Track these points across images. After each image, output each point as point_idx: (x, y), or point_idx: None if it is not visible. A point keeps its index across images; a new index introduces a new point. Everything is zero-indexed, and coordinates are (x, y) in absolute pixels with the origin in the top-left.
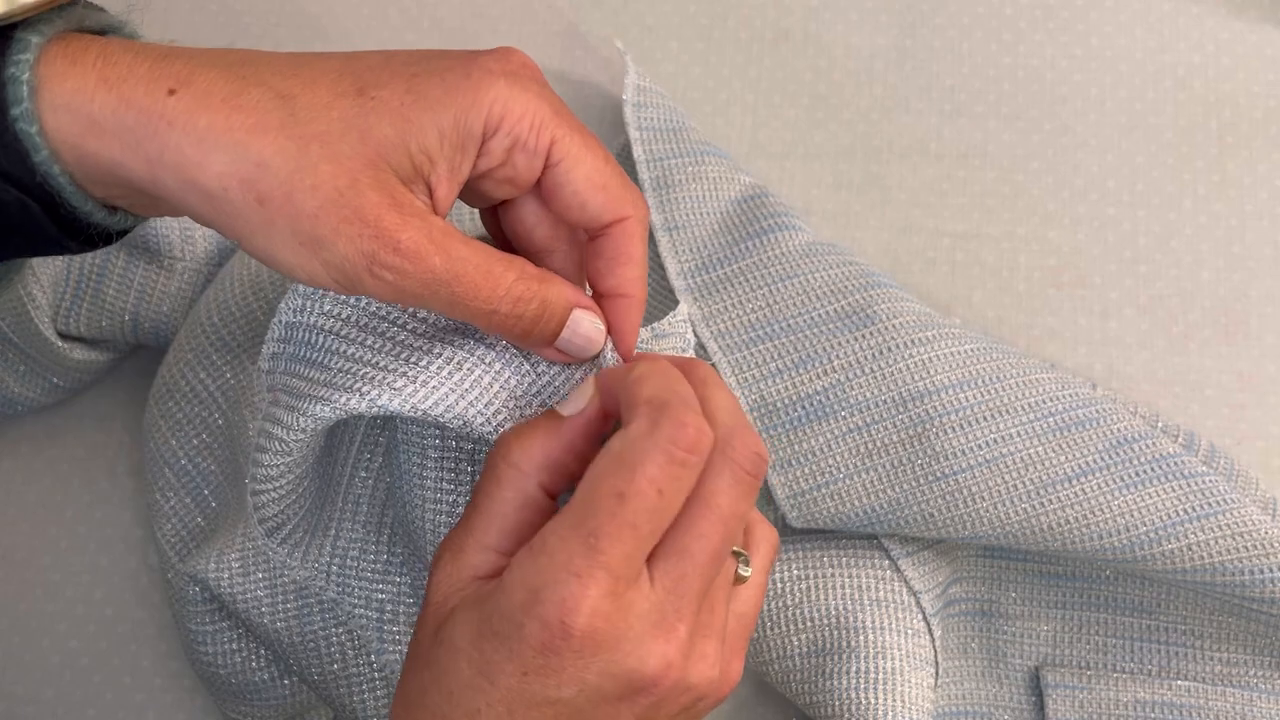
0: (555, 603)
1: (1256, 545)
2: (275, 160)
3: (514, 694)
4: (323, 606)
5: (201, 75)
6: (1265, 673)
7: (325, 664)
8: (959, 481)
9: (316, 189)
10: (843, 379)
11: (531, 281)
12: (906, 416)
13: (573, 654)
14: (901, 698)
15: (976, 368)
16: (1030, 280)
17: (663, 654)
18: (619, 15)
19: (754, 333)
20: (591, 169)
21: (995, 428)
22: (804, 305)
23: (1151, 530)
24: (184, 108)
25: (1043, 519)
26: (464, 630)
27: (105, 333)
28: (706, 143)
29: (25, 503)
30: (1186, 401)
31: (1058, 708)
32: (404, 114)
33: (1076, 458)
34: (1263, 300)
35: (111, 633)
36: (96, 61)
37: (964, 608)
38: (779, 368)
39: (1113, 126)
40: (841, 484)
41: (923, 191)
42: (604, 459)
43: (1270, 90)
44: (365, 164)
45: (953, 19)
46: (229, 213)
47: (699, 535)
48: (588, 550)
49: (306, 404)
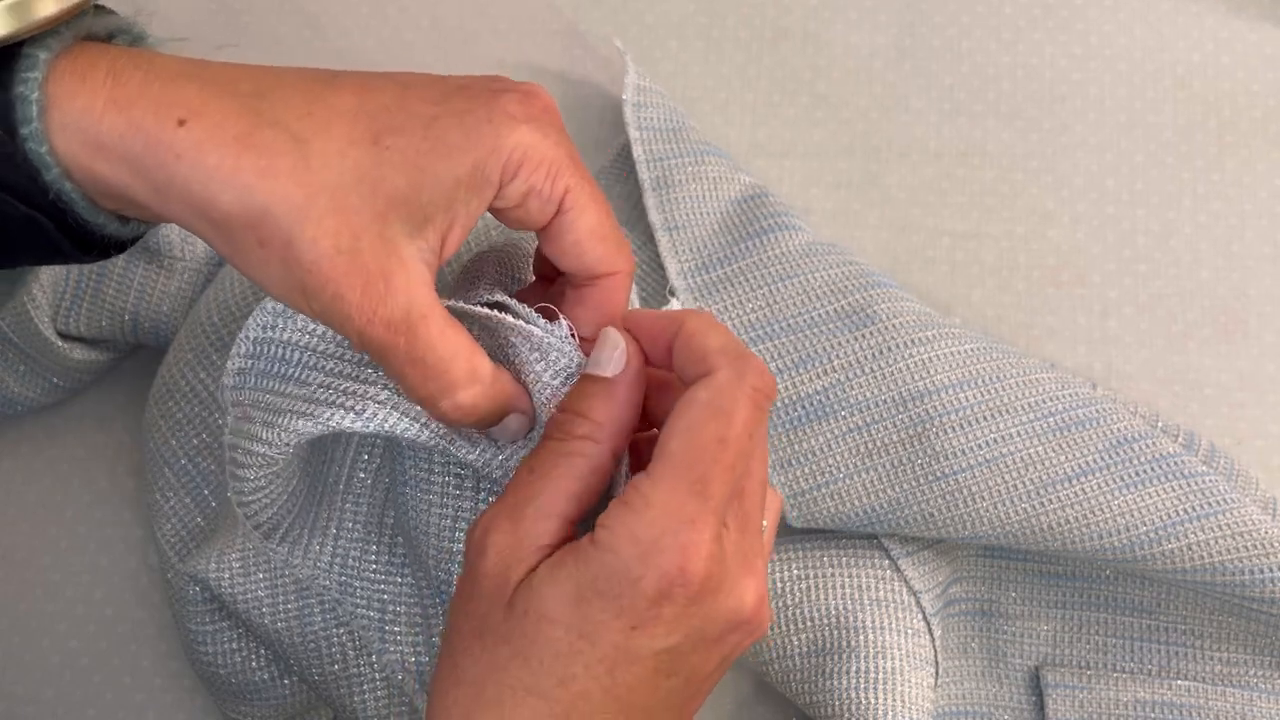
0: (675, 550)
1: (1257, 545)
2: (280, 209)
3: (618, 651)
4: (324, 606)
5: (214, 106)
6: (1265, 673)
7: (326, 664)
8: (959, 481)
9: (316, 242)
10: (842, 379)
11: (480, 396)
12: (906, 416)
13: (687, 600)
14: (902, 697)
15: (976, 367)
16: (1029, 279)
17: (756, 591)
18: (618, 14)
19: (754, 333)
20: (596, 220)
21: (995, 427)
22: (804, 305)
23: (1151, 530)
24: (193, 141)
25: (1043, 518)
26: (555, 596)
27: (105, 333)
28: (706, 142)
29: (25, 503)
30: (1186, 400)
31: (1058, 707)
32: (419, 164)
33: (1076, 457)
34: (1262, 299)
35: (111, 633)
36: (106, 80)
37: (964, 607)
38: (779, 368)
39: (1112, 125)
40: (841, 484)
41: (922, 190)
42: (696, 408)
43: (1269, 89)
44: (373, 218)
45: (952, 18)
46: (230, 243)
47: (751, 475)
48: (699, 496)
49: (287, 419)
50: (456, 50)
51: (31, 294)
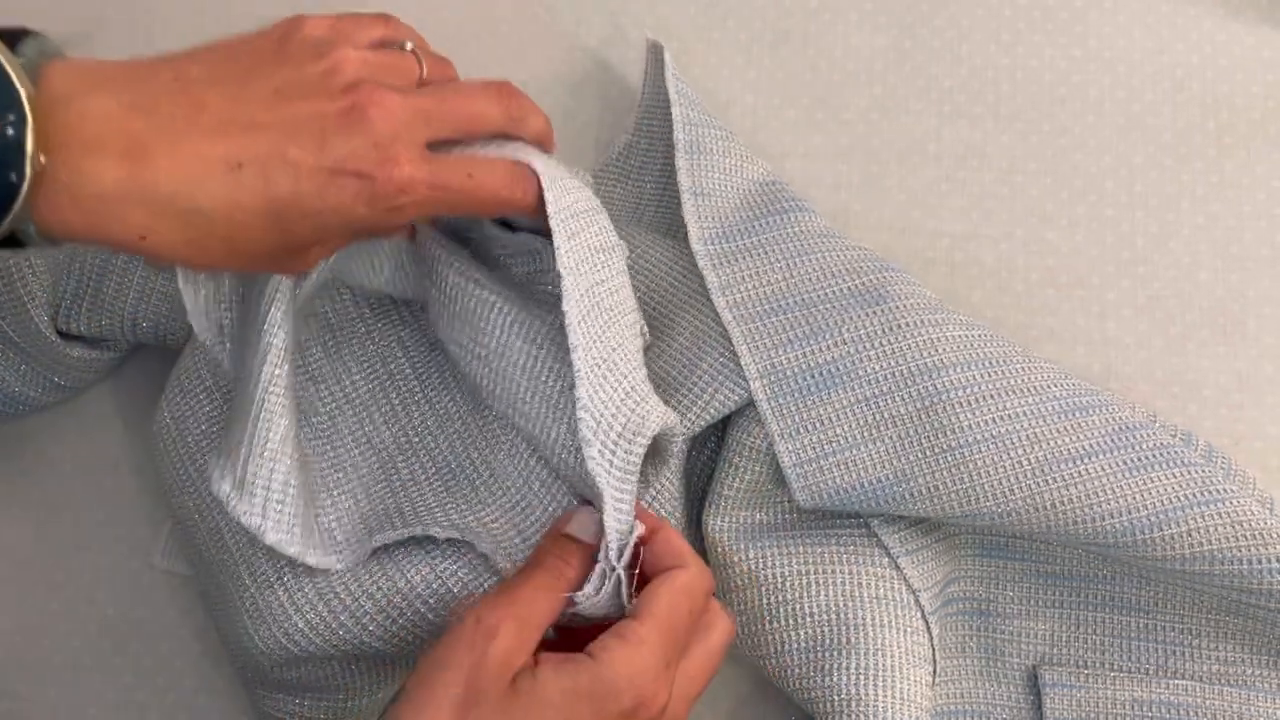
0: (650, 685)
1: (1255, 536)
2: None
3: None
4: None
5: (164, 226)
6: (1262, 671)
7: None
8: (965, 455)
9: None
10: (853, 351)
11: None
12: (915, 390)
13: (645, 716)
14: (900, 695)
15: (983, 350)
16: (1028, 281)
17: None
18: (618, 18)
19: (769, 305)
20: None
21: (1001, 406)
22: (819, 282)
23: (1152, 514)
24: (153, 247)
25: (1046, 496)
26: (556, 688)
27: (105, 332)
28: (728, 128)
29: (28, 502)
30: (1184, 402)
31: (1055, 707)
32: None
33: (1081, 440)
34: (1260, 301)
35: (114, 632)
36: (69, 185)
37: (961, 607)
38: (791, 338)
39: (1111, 128)
40: (848, 453)
41: (921, 192)
42: (678, 587)
43: (1268, 91)
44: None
45: (951, 20)
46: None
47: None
48: (672, 647)
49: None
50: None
51: (31, 291)
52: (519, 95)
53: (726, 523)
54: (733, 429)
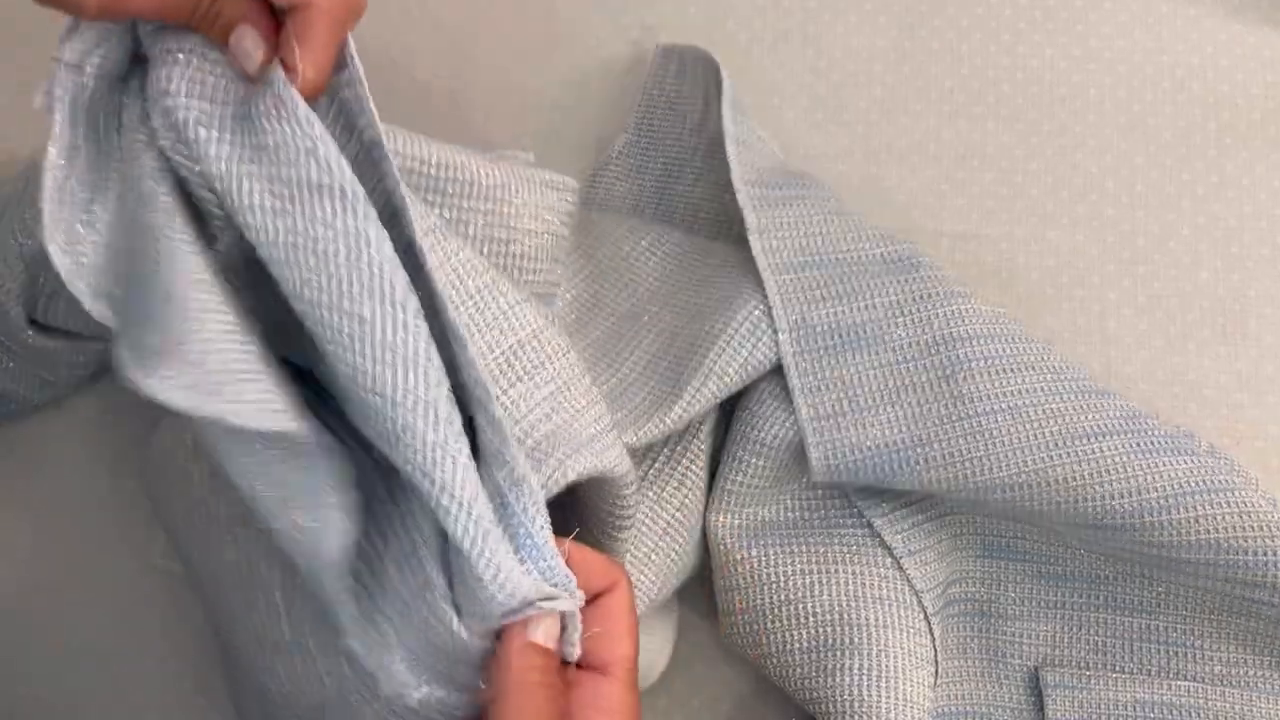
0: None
1: (1263, 527)
2: None
3: None
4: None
5: None
6: (1265, 673)
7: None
8: (982, 424)
9: None
10: (883, 316)
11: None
12: (939, 359)
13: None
14: (903, 696)
15: (1005, 327)
16: (1029, 281)
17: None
18: (619, 18)
19: (804, 257)
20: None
21: (1020, 380)
22: (854, 243)
23: (1161, 497)
24: None
25: (1058, 470)
26: None
27: (86, 326)
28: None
29: (27, 503)
30: (1185, 401)
31: (1057, 708)
32: None
33: (1095, 419)
34: (1261, 301)
35: (112, 633)
36: None
37: (963, 608)
38: (823, 295)
39: (1111, 128)
40: (866, 413)
41: (921, 193)
42: (631, 657)
43: (1268, 92)
44: None
45: (951, 21)
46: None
47: None
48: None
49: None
50: (459, 52)
51: (6, 288)
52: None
53: (731, 520)
54: (737, 422)
